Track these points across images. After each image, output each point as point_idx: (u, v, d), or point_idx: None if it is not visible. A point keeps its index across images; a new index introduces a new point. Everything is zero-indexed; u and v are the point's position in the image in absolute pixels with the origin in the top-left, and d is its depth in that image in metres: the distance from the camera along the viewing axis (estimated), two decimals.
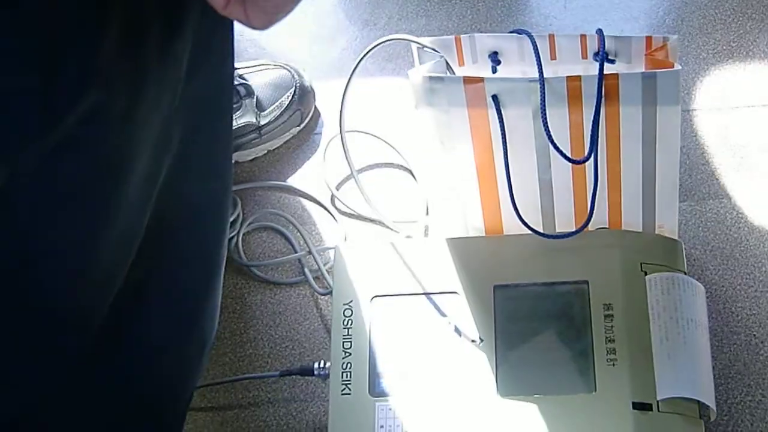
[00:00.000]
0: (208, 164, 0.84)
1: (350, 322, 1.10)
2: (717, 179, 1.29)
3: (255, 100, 1.32)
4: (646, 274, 1.08)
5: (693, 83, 1.36)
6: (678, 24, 1.41)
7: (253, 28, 0.64)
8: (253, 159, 1.35)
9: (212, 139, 0.83)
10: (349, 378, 1.08)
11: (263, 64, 1.35)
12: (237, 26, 1.48)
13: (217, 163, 0.85)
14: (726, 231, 1.26)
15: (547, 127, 1.01)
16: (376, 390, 1.07)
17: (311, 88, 1.35)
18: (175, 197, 0.80)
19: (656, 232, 1.14)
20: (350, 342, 1.09)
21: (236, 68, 1.34)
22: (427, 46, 1.06)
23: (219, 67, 0.80)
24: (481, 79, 1.02)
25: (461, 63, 1.08)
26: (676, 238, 1.14)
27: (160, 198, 0.78)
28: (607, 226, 1.14)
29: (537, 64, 1.02)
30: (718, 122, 1.33)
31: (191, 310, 0.91)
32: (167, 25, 0.68)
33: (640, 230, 1.14)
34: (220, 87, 0.81)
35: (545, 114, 1.00)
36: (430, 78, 1.03)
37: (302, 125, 1.36)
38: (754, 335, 1.19)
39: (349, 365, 1.08)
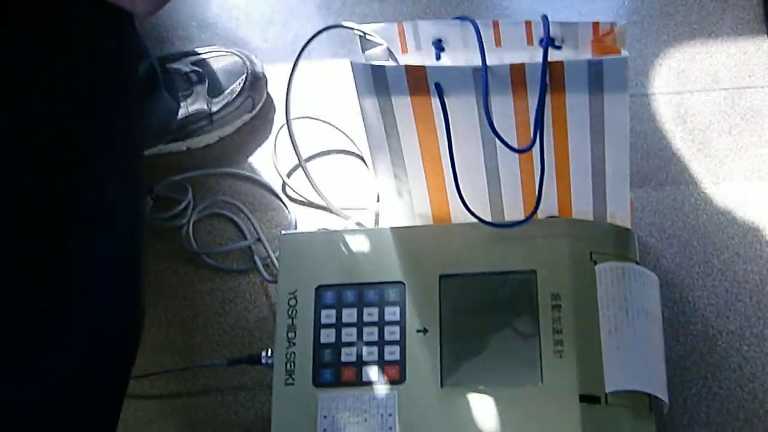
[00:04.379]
0: (113, 156, 0.83)
1: (294, 311, 1.09)
2: (675, 164, 1.27)
3: (206, 86, 1.31)
4: (595, 263, 1.07)
5: (652, 66, 1.34)
6: (637, 5, 1.38)
7: (138, 13, 0.64)
8: (205, 146, 1.34)
9: (117, 125, 0.83)
10: (292, 368, 1.07)
11: (215, 51, 1.34)
12: (189, 12, 1.46)
13: (122, 157, 0.85)
14: (684, 218, 1.24)
15: (489, 115, 0.99)
16: (319, 380, 1.06)
17: (263, 74, 1.34)
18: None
19: (608, 221, 1.12)
20: (294, 332, 1.08)
21: (188, 54, 1.33)
22: (368, 34, 1.04)
23: (119, 66, 0.79)
24: (423, 68, 1.00)
25: (404, 50, 1.06)
26: (628, 226, 1.12)
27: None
28: (556, 215, 1.12)
29: (480, 51, 1.00)
30: (677, 106, 1.31)
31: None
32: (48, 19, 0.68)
33: (591, 219, 1.12)
34: (123, 85, 0.81)
35: (487, 103, 0.99)
36: (372, 67, 1.01)
37: (254, 112, 1.34)
38: (711, 325, 1.18)
39: (293, 355, 1.07)
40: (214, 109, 1.31)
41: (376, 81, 1.02)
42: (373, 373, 1.06)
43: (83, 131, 0.78)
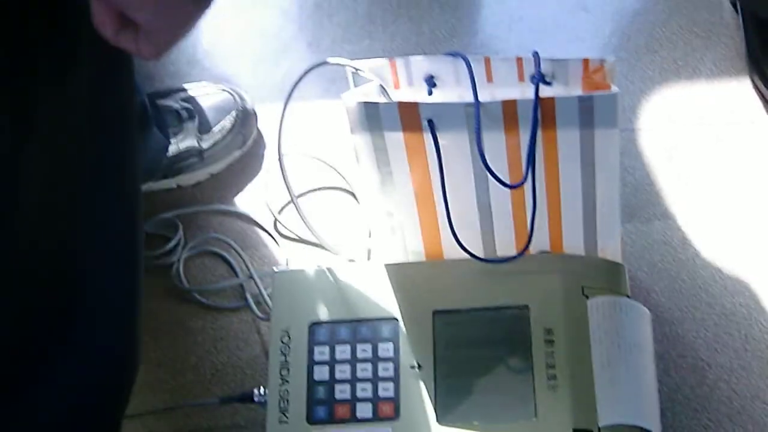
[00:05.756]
0: (111, 182, 0.84)
1: (287, 348, 1.09)
2: (663, 199, 1.29)
3: (197, 123, 1.31)
4: (587, 298, 1.07)
5: (638, 102, 1.35)
6: (624, 43, 1.40)
7: (143, 57, 0.64)
8: (195, 183, 1.34)
9: (116, 160, 0.83)
10: (286, 405, 1.06)
11: (205, 87, 1.35)
12: (178, 48, 1.47)
13: (122, 184, 0.85)
14: (672, 252, 1.25)
15: (482, 151, 1.00)
16: (313, 418, 1.05)
17: (253, 110, 1.34)
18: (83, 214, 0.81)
19: (599, 256, 1.13)
20: (288, 369, 1.08)
21: (178, 91, 1.33)
22: (360, 70, 1.05)
23: (120, 97, 0.80)
24: (415, 104, 1.01)
25: (397, 86, 1.07)
26: (619, 261, 1.13)
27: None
28: (548, 250, 1.13)
29: (472, 87, 1.00)
30: (664, 141, 1.33)
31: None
32: (57, 51, 0.69)
33: (582, 254, 1.13)
34: (123, 115, 0.81)
35: (480, 139, 0.99)
36: (365, 104, 1.02)
37: (245, 148, 1.34)
38: (701, 358, 1.19)
39: (286, 392, 1.07)
40: (205, 146, 1.31)
41: (369, 117, 1.02)
42: (367, 409, 1.05)
43: (86, 165, 0.79)
